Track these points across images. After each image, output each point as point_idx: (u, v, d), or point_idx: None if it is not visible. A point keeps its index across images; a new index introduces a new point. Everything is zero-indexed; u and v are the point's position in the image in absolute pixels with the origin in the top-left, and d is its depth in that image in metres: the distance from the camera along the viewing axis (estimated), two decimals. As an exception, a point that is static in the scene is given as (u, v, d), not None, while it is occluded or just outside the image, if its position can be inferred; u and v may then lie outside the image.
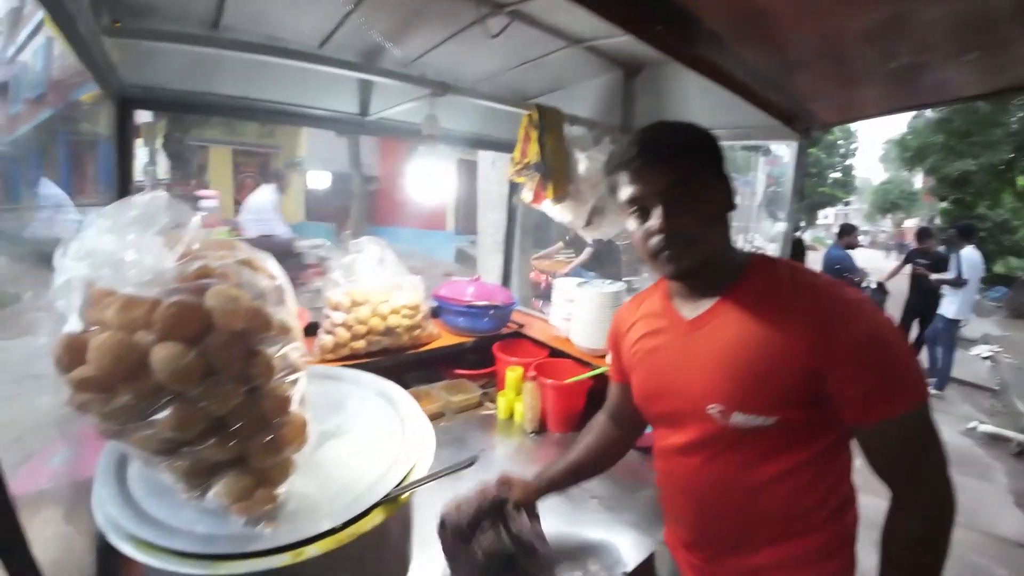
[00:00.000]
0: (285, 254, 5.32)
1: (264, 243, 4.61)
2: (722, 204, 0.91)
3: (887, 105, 1.73)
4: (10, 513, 0.55)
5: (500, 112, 2.05)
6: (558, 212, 1.93)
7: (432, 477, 0.82)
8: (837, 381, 0.80)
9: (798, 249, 5.96)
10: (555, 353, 2.14)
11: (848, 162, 25.35)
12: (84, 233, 0.70)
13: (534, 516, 1.16)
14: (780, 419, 0.84)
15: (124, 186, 1.61)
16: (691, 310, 0.96)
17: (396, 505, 0.76)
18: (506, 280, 2.78)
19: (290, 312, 0.78)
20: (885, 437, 0.81)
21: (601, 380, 1.88)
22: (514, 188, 2.67)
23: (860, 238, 6.96)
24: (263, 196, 5.43)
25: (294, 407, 0.74)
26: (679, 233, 0.86)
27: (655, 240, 0.87)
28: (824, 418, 0.85)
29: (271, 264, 0.79)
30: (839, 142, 24.29)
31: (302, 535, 0.68)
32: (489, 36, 1.64)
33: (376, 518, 0.73)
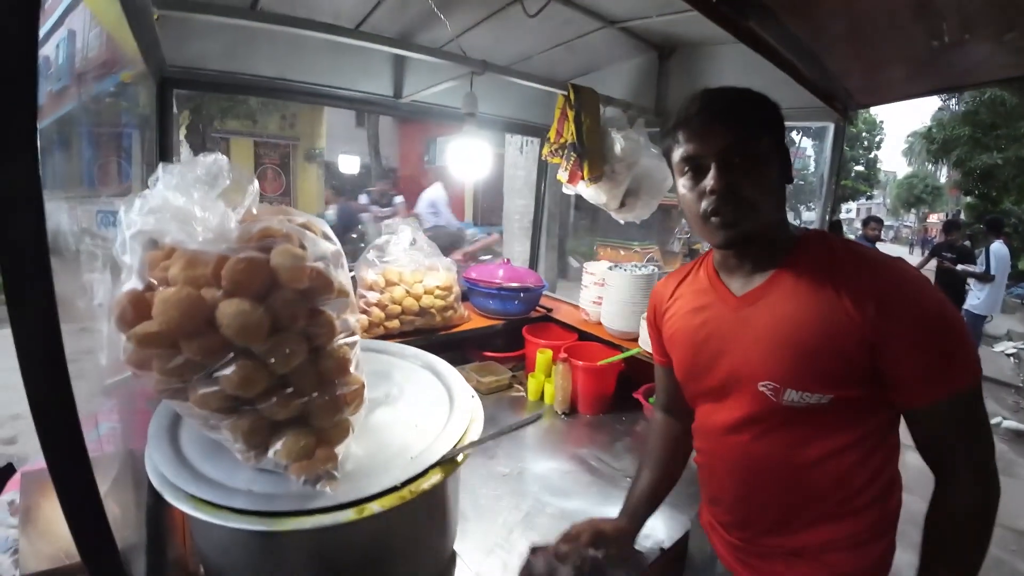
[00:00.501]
0: (458, 242, 5.82)
1: (439, 232, 5.20)
2: (780, 174, 0.87)
3: (923, 86, 1.70)
4: (88, 473, 0.56)
5: (530, 97, 2.04)
6: (592, 193, 1.92)
7: (497, 434, 0.83)
8: (894, 357, 0.77)
9: (836, 231, 5.94)
10: (584, 336, 2.13)
11: (872, 155, 24.90)
12: (151, 190, 0.70)
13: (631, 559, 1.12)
14: (835, 397, 0.81)
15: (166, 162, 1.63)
16: (741, 285, 0.92)
17: (453, 465, 0.77)
18: (533, 265, 2.77)
19: (347, 277, 0.78)
20: (938, 416, 0.78)
21: (632, 363, 1.87)
22: (543, 173, 2.65)
23: (883, 232, 6.91)
24: (436, 192, 5.79)
25: (353, 369, 0.75)
26: (735, 195, 0.81)
27: (708, 201, 0.83)
28: (878, 397, 0.82)
29: (328, 229, 0.79)
30: (863, 135, 23.87)
31: (364, 493, 0.69)
32: (527, 16, 1.63)
33: (435, 476, 0.73)
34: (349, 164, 8.72)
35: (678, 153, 0.87)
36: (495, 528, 1.21)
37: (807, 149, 21.11)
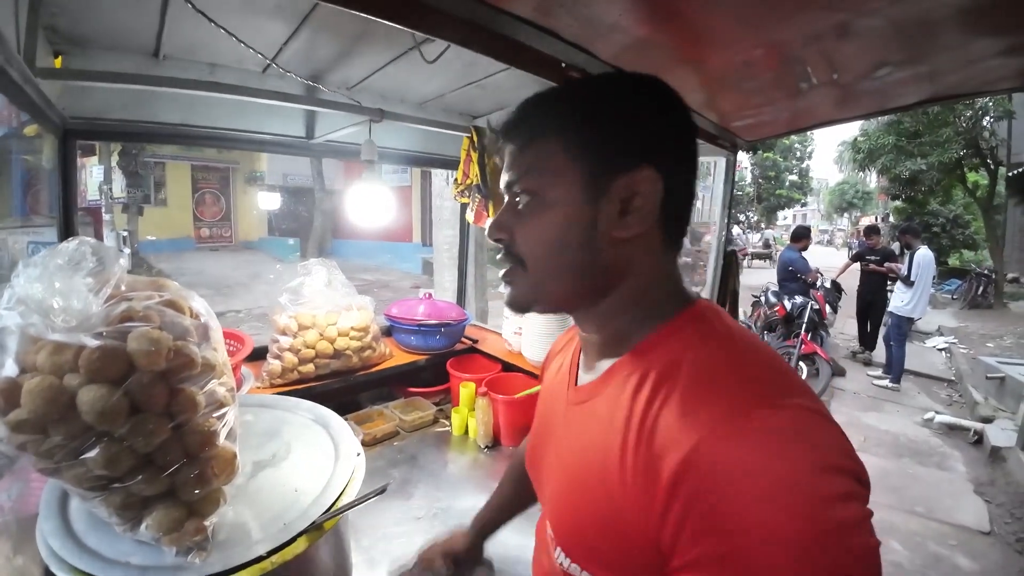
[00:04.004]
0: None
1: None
2: (596, 217, 0.56)
3: (811, 120, 1.83)
4: None
5: (446, 131, 2.10)
6: (501, 232, 1.99)
7: (347, 507, 0.85)
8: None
9: (730, 262, 6.28)
10: (508, 367, 2.19)
11: (805, 164, 26.34)
12: (15, 281, 0.72)
13: (485, 565, 1.12)
14: None
15: (68, 216, 1.62)
16: (586, 370, 0.68)
17: (320, 532, 0.80)
18: (461, 295, 2.82)
19: (216, 348, 0.81)
20: None
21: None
22: (465, 205, 2.72)
23: (820, 237, 7.29)
24: None
25: (221, 440, 0.78)
26: (503, 242, 0.61)
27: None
28: None
29: (197, 302, 0.82)
30: (796, 145, 25.23)
31: (230, 564, 0.71)
32: (426, 62, 1.70)
33: (300, 546, 0.76)
34: (269, 201, 8.54)
35: None
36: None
37: (743, 162, 22.10)
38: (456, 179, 1.94)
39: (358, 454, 0.97)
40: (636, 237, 0.56)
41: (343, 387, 1.90)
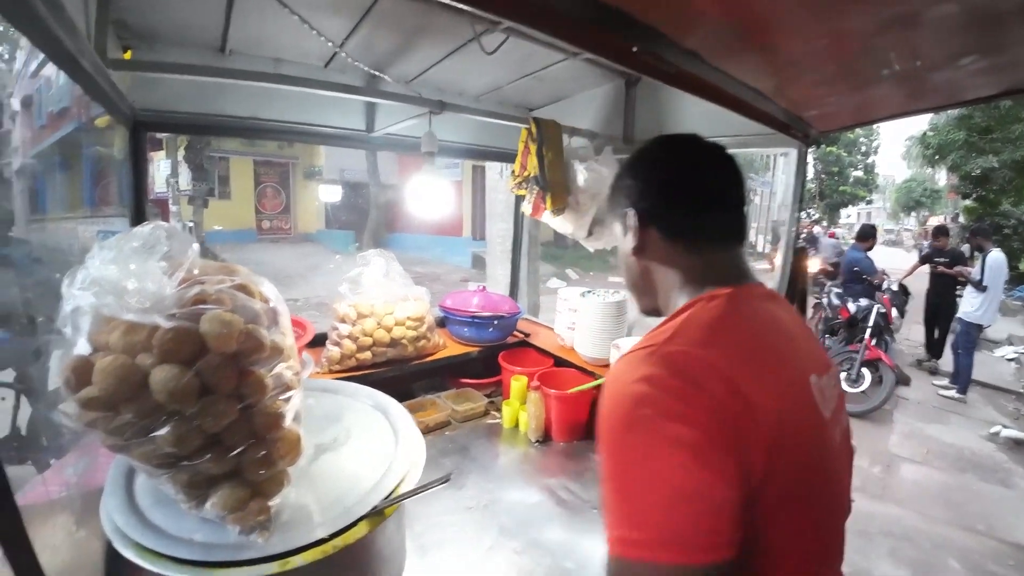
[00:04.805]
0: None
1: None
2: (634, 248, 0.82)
3: (884, 111, 1.72)
4: (18, 522, 0.60)
5: (502, 123, 2.09)
6: (559, 223, 1.97)
7: (410, 494, 0.85)
8: None
9: (800, 258, 6.01)
10: (560, 362, 2.16)
11: (870, 160, 24.98)
12: (89, 263, 0.75)
13: None
14: None
15: (139, 205, 1.68)
16: None
17: (380, 518, 0.80)
18: (514, 289, 2.81)
19: (284, 333, 0.82)
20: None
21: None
22: (521, 198, 2.70)
23: (885, 237, 6.90)
24: None
25: (287, 423, 0.79)
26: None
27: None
28: None
29: (267, 288, 0.83)
30: (860, 140, 23.97)
31: (291, 545, 0.72)
32: (486, 53, 1.69)
33: (361, 530, 0.77)
34: (330, 193, 8.82)
35: None
36: (450, 563, 1.23)
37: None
38: (513, 171, 1.93)
39: (417, 442, 0.97)
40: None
41: (398, 375, 1.92)
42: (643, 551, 0.55)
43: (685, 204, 0.80)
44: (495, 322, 2.17)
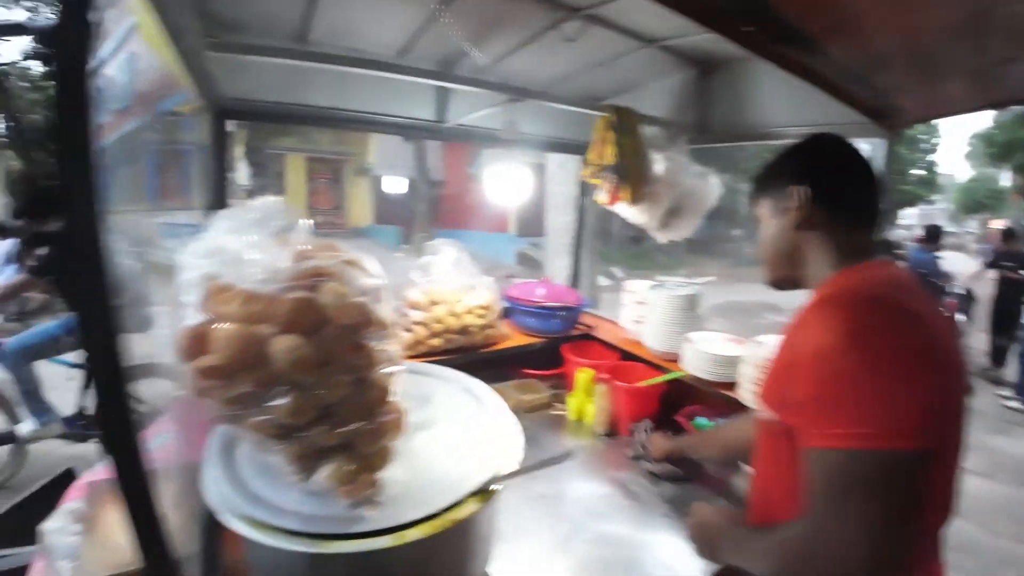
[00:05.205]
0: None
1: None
2: (782, 228, 0.97)
3: (976, 101, 1.64)
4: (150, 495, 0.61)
5: (570, 114, 2.06)
6: (633, 214, 1.93)
7: (528, 469, 0.85)
8: (793, 384, 0.80)
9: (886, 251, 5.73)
10: (626, 356, 2.13)
11: (931, 158, 23.60)
12: (206, 233, 0.76)
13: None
14: (780, 420, 0.85)
15: (220, 190, 1.73)
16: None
17: (489, 495, 0.79)
18: (575, 282, 2.78)
19: (387, 309, 0.82)
20: (811, 466, 0.76)
21: (674, 385, 1.86)
22: (585, 190, 2.67)
23: (943, 240, 6.51)
24: None
25: (394, 397, 0.79)
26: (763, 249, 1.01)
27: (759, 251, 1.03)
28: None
29: (371, 264, 0.84)
30: (921, 137, 22.68)
31: (401, 520, 0.72)
32: (564, 40, 1.66)
33: (472, 506, 0.76)
34: (396, 184, 8.94)
35: None
36: (531, 551, 1.23)
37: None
38: (588, 159, 1.90)
39: (512, 424, 0.96)
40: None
41: (465, 363, 1.91)
42: (868, 442, 0.69)
43: (855, 187, 0.93)
44: (561, 313, 2.15)
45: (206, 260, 0.74)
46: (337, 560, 0.69)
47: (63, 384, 3.14)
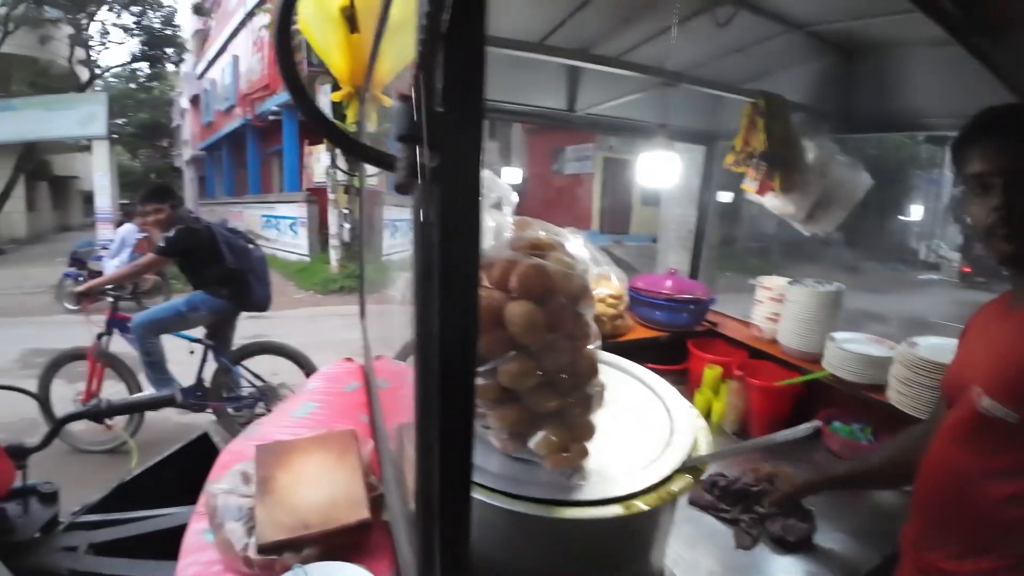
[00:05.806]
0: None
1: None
2: None
3: None
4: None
5: (693, 104, 2.00)
6: (780, 204, 1.85)
7: (764, 443, 0.94)
8: None
9: None
10: (755, 354, 2.05)
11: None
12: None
13: (795, 512, 1.23)
14: (1021, 418, 0.81)
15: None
16: (1020, 300, 0.92)
17: (699, 471, 0.78)
18: (694, 276, 2.70)
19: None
20: None
21: (811, 386, 1.77)
22: (706, 181, 2.58)
23: None
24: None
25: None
26: (1016, 216, 0.83)
27: (993, 219, 0.85)
28: None
29: (574, 240, 0.85)
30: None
31: (610, 493, 0.71)
32: (716, 25, 1.62)
33: (683, 481, 0.75)
34: (512, 176, 9.04)
35: (966, 168, 0.90)
36: (687, 537, 1.24)
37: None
38: (734, 146, 1.84)
39: (692, 410, 0.95)
40: None
41: (594, 353, 1.93)
42: None
43: None
44: (690, 306, 2.10)
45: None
46: (566, 527, 0.70)
47: (186, 359, 3.36)
